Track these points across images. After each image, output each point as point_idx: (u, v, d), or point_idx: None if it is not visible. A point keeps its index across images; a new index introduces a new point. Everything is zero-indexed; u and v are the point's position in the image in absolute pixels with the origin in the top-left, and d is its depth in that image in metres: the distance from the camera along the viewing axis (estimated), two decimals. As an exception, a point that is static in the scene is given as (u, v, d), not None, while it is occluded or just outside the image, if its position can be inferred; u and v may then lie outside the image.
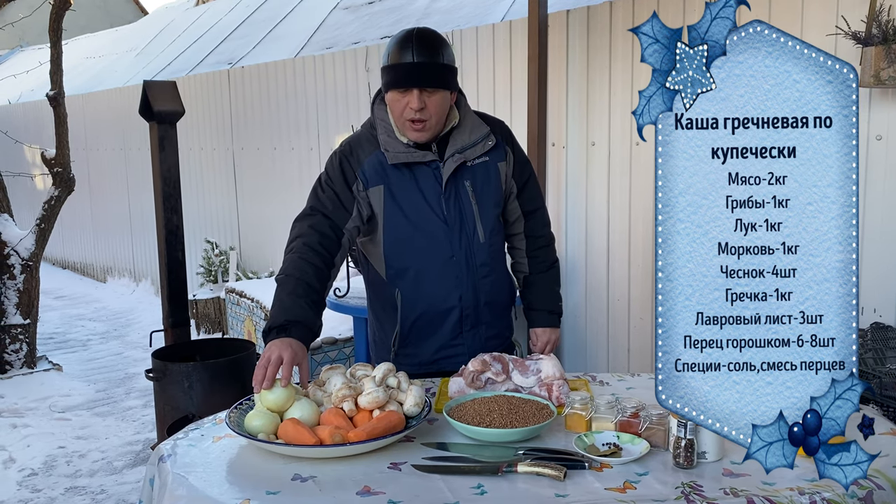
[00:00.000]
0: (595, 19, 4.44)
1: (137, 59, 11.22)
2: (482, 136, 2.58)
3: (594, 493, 1.72)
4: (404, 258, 2.58)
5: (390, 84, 2.45)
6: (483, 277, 2.62)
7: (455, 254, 2.57)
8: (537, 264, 2.80)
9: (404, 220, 2.54)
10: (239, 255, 7.81)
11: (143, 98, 4.51)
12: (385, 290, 2.65)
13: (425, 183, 2.53)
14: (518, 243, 2.80)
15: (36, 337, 6.45)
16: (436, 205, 2.54)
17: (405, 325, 2.62)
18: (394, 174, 2.52)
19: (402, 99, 2.44)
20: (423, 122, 2.45)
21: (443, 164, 2.53)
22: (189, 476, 1.84)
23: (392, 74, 2.44)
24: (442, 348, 2.63)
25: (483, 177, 2.59)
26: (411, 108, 2.42)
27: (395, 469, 1.86)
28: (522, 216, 2.75)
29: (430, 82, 2.42)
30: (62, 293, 10.10)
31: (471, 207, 2.57)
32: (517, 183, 2.70)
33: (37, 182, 10.79)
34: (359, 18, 7.26)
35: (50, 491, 4.32)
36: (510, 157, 2.66)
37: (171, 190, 4.60)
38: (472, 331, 2.63)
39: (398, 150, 2.51)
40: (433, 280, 2.58)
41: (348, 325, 5.06)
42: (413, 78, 2.41)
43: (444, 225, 2.55)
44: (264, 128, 7.35)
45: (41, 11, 7.34)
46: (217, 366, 4.09)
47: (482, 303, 2.63)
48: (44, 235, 6.40)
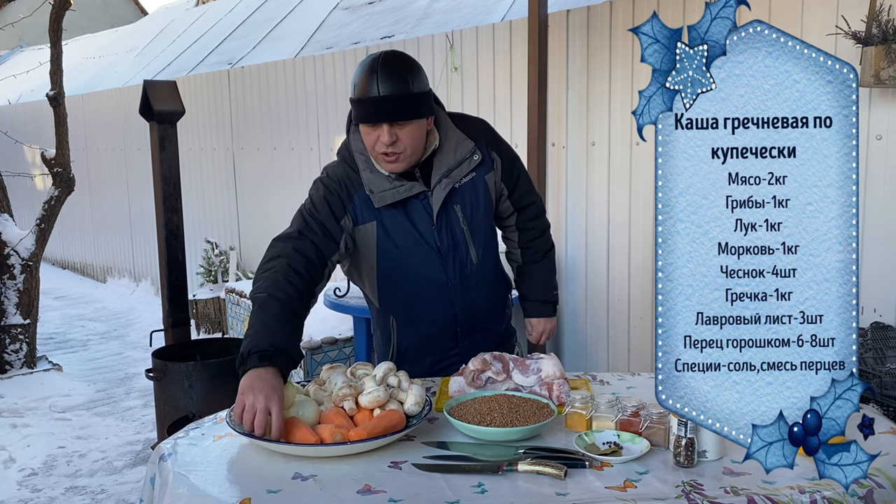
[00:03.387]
0: (595, 19, 4.44)
1: (137, 59, 11.21)
2: (467, 153, 2.48)
3: (595, 491, 1.72)
4: (398, 288, 2.53)
5: (358, 119, 2.34)
6: (477, 294, 2.58)
7: (450, 280, 2.52)
8: (531, 255, 2.77)
9: (398, 253, 2.46)
10: (239, 255, 7.81)
11: (143, 98, 4.50)
12: (380, 316, 2.63)
13: (417, 216, 2.45)
14: (511, 235, 2.78)
15: (36, 337, 6.44)
16: (428, 236, 2.46)
17: (401, 347, 2.60)
18: (385, 210, 2.42)
19: (372, 132, 2.31)
20: (396, 154, 2.33)
21: (431, 194, 2.45)
22: (190, 475, 1.84)
23: (359, 109, 2.31)
24: (440, 361, 2.62)
25: (472, 196, 2.51)
26: (382, 143, 2.30)
27: (395, 468, 1.85)
28: (515, 212, 2.72)
29: (399, 115, 2.28)
30: (62, 293, 10.10)
31: (462, 233, 2.50)
32: (507, 185, 2.64)
33: (37, 182, 10.79)
34: (359, 19, 7.26)
35: (50, 491, 4.32)
36: (497, 164, 2.57)
37: (171, 190, 4.60)
38: (468, 341, 2.61)
39: (383, 188, 2.40)
40: (428, 305, 2.54)
41: (348, 325, 5.07)
42: (381, 112, 2.27)
43: (438, 254, 2.49)
44: (264, 128, 7.35)
45: (41, 12, 7.34)
46: (217, 365, 4.09)
47: (478, 317, 2.61)
48: (44, 235, 6.39)
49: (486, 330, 2.66)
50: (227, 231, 8.09)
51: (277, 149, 7.21)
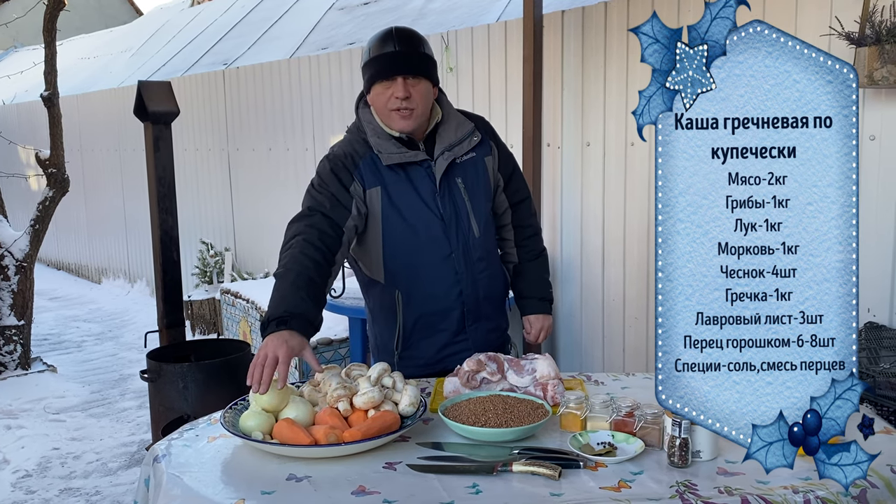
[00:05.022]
0: (590, 20, 4.44)
1: (132, 59, 11.19)
2: (468, 133, 2.61)
3: (589, 492, 1.72)
4: (403, 258, 2.57)
5: (375, 76, 2.48)
6: (481, 272, 2.64)
7: (453, 250, 2.58)
8: (526, 253, 2.83)
9: (402, 221, 2.53)
10: (234, 256, 7.80)
11: (137, 98, 4.49)
12: (384, 293, 2.64)
13: (420, 182, 2.54)
14: (507, 234, 2.83)
15: (30, 338, 6.43)
16: (431, 203, 2.55)
17: (407, 325, 2.61)
18: (389, 176, 2.52)
19: (386, 91, 2.46)
20: (409, 110, 2.47)
21: (434, 163, 2.56)
22: (184, 476, 1.83)
23: (375, 66, 2.47)
24: (446, 346, 2.64)
25: (473, 173, 2.62)
26: (396, 98, 2.45)
27: (390, 469, 1.85)
28: (510, 207, 2.80)
29: (414, 70, 2.46)
30: (57, 294, 10.07)
31: (464, 203, 2.59)
32: (503, 176, 2.74)
33: (31, 183, 10.77)
34: (354, 19, 7.25)
35: (44, 492, 4.30)
36: (495, 152, 2.70)
37: (165, 191, 4.58)
38: (475, 325, 2.65)
39: (391, 150, 2.52)
40: (433, 278, 2.58)
41: (344, 326, 5.06)
42: (397, 66, 2.45)
43: (441, 222, 2.55)
44: (259, 128, 7.34)
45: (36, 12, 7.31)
46: (212, 366, 4.07)
47: (482, 297, 2.65)
48: (38, 236, 6.38)
49: (490, 319, 2.69)
50: (223, 232, 8.07)
51: (273, 149, 7.20)
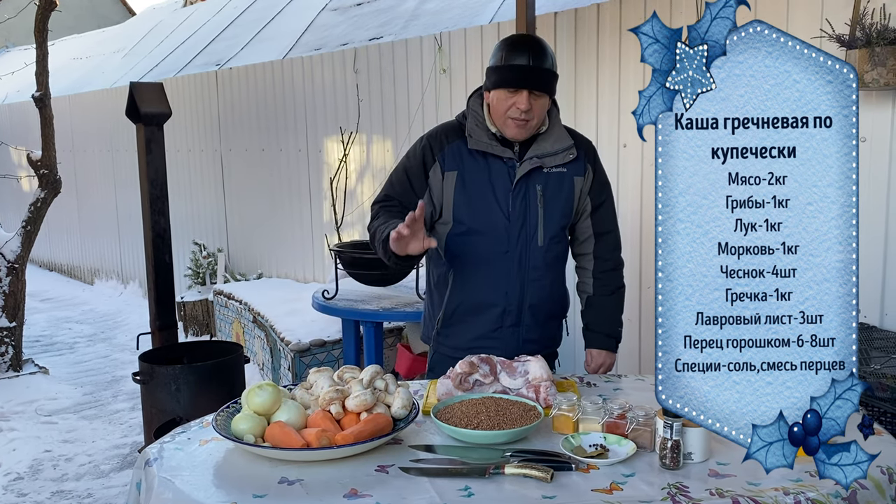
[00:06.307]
0: (582, 21, 4.44)
1: (125, 60, 11.16)
2: (564, 148, 2.63)
3: (581, 494, 1.72)
4: (463, 245, 2.63)
5: (501, 83, 2.51)
6: (533, 280, 2.64)
7: (510, 250, 2.60)
8: (602, 287, 2.79)
9: (470, 208, 2.60)
10: (227, 257, 7.78)
11: (129, 100, 4.48)
12: (441, 270, 2.72)
13: (497, 177, 2.59)
14: (586, 263, 2.80)
15: (22, 340, 6.40)
16: (502, 199, 2.59)
17: (450, 306, 2.68)
18: (469, 162, 2.60)
19: (509, 99, 2.51)
20: (526, 121, 2.52)
21: (519, 164, 2.59)
22: (175, 480, 1.82)
23: (504, 74, 2.51)
24: (478, 338, 2.65)
25: (556, 185, 2.62)
26: (518, 108, 2.49)
27: (382, 472, 1.85)
28: (593, 236, 2.76)
29: (541, 86, 2.50)
30: (49, 295, 10.03)
31: (536, 210, 2.60)
32: (592, 202, 2.72)
33: (23, 184, 10.72)
34: (347, 20, 7.23)
35: (36, 495, 4.27)
36: (589, 175, 2.69)
37: (158, 192, 4.57)
38: (511, 329, 2.66)
39: (481, 138, 2.59)
40: (484, 270, 2.63)
41: (337, 328, 5.04)
42: (527, 80, 2.48)
43: (506, 220, 2.59)
44: (252, 129, 7.32)
45: (27, 12, 7.29)
46: (204, 368, 4.06)
47: (527, 304, 2.65)
48: (30, 237, 6.35)
49: (530, 330, 2.69)
50: (215, 233, 8.05)
51: (266, 150, 7.18)
